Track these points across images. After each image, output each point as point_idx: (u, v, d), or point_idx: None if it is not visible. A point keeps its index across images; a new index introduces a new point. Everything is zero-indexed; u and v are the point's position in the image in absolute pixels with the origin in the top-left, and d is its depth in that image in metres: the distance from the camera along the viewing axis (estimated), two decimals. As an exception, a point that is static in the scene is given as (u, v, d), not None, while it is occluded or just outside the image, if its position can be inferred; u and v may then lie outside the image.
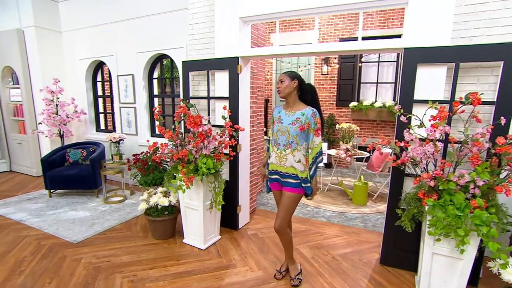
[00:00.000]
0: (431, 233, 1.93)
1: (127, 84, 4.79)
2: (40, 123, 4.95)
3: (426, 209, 2.02)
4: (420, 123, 2.07)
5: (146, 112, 4.80)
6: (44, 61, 5.22)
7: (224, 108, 2.93)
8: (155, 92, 4.86)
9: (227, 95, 3.15)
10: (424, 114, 2.10)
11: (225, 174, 3.20)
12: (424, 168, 2.10)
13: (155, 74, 4.81)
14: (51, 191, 4.34)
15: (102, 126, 5.68)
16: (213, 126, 3.26)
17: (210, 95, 3.31)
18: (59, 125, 4.83)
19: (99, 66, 5.38)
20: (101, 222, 3.43)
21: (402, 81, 2.35)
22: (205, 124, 2.76)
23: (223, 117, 2.92)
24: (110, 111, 5.50)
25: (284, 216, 2.22)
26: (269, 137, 2.43)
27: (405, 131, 2.12)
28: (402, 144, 2.18)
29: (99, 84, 5.59)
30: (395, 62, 6.10)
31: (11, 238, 3.10)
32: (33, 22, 5.04)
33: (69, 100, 5.01)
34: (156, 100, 4.90)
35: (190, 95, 3.43)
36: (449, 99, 2.22)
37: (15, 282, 2.37)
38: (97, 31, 4.96)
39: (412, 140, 2.09)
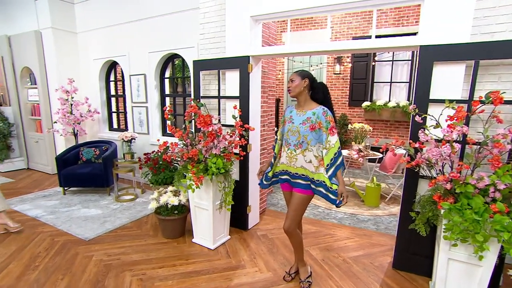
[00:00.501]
0: (447, 238, 1.85)
1: (139, 83, 4.84)
2: (55, 122, 5.06)
3: (441, 213, 1.94)
4: (436, 124, 1.99)
5: (157, 112, 4.84)
6: (60, 61, 5.34)
7: (235, 107, 2.91)
8: (167, 91, 4.90)
9: (237, 94, 3.14)
10: (441, 114, 2.02)
11: (235, 174, 3.18)
12: (440, 170, 2.02)
13: (167, 74, 4.84)
14: (65, 188, 4.43)
15: (115, 125, 5.77)
16: (224, 125, 3.25)
17: (221, 95, 3.30)
18: (73, 124, 4.93)
19: (112, 66, 5.46)
20: (112, 220, 3.48)
21: (417, 80, 2.27)
22: (215, 124, 2.75)
23: (234, 117, 2.90)
24: (123, 110, 5.58)
25: (293, 216, 2.18)
26: (276, 138, 2.38)
27: (420, 131, 2.05)
28: (416, 145, 2.10)
29: (112, 84, 5.67)
30: (410, 61, 5.95)
31: (26, 234, 3.17)
32: (50, 24, 5.16)
33: (83, 100, 5.11)
34: (167, 99, 4.94)
35: (201, 95, 3.43)
36: (467, 99, 2.13)
37: (29, 277, 2.42)
38: (111, 31, 5.04)
39: (427, 141, 2.02)
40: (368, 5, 2.51)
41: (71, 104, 4.95)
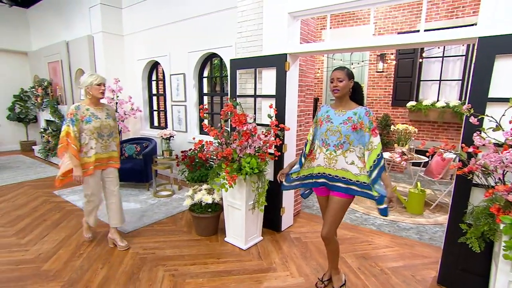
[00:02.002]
0: (507, 257, 1.63)
1: (179, 83, 4.99)
2: (102, 119, 5.40)
3: (501, 228, 1.71)
4: (496, 126, 1.76)
5: (195, 110, 4.96)
6: (108, 62, 5.71)
7: (270, 106, 2.86)
8: (205, 90, 4.99)
9: (273, 93, 3.08)
10: (503, 115, 1.78)
11: (269, 175, 3.13)
12: (499, 178, 1.79)
13: (205, 73, 4.93)
14: (109, 182, 4.71)
15: (156, 123, 6.02)
16: (259, 125, 3.21)
17: (257, 93, 3.26)
18: (117, 121, 5.22)
19: (154, 66, 5.70)
20: (150, 215, 3.61)
21: (473, 77, 2.03)
22: (249, 123, 2.72)
23: (269, 116, 2.85)
24: (163, 109, 5.80)
25: (332, 222, 2.06)
26: (310, 139, 2.22)
27: (475, 134, 1.83)
28: (470, 149, 1.88)
29: (153, 83, 5.92)
30: (464, 56, 5.41)
31: (74, 223, 3.41)
32: (101, 28, 5.53)
33: (127, 98, 5.39)
34: (205, 98, 5.03)
35: (237, 93, 3.43)
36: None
37: (74, 263, 2.60)
38: (153, 33, 5.25)
39: (484, 145, 1.79)
40: (416, -4, 2.30)
41: (116, 103, 5.25)
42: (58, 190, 4.56)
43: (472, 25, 4.35)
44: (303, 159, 2.23)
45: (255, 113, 3.28)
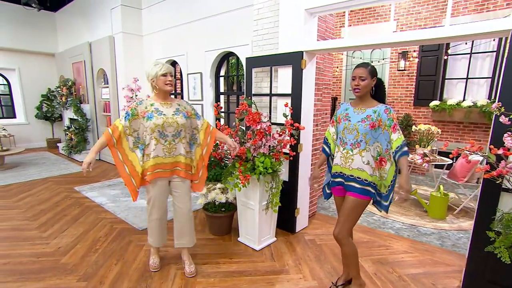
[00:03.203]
0: (539, 269, 1.49)
1: (196, 82, 5.02)
2: (122, 117, 5.53)
3: (532, 236, 1.58)
4: (529, 126, 1.62)
5: (212, 109, 4.97)
6: (128, 62, 5.84)
7: (286, 105, 2.80)
8: (221, 89, 5.00)
9: (289, 92, 3.02)
10: (536, 115, 1.64)
11: (284, 175, 3.07)
12: (531, 183, 1.65)
13: (222, 72, 4.94)
14: (127, 179, 4.81)
15: (173, 122, 6.08)
16: (275, 124, 3.17)
17: (272, 92, 3.21)
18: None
19: (172, 65, 5.77)
20: (165, 212, 3.65)
21: (505, 72, 1.89)
22: (263, 122, 2.68)
23: (284, 115, 2.80)
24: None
25: (344, 222, 1.98)
26: (334, 138, 2.16)
27: (506, 135, 1.69)
28: (500, 151, 1.74)
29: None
30: (494, 52, 5.08)
31: (92, 219, 3.50)
32: (121, 28, 5.67)
33: (145, 97, 5.48)
34: (222, 97, 5.04)
35: (253, 92, 3.39)
36: None
37: (90, 258, 2.65)
38: (171, 32, 5.31)
39: (515, 147, 1.66)
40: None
41: (135, 102, 5.35)
42: (78, 186, 4.71)
43: (505, 17, 4.09)
44: (331, 162, 2.17)
45: (270, 112, 3.23)
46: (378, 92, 2.00)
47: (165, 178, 2.26)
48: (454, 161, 4.18)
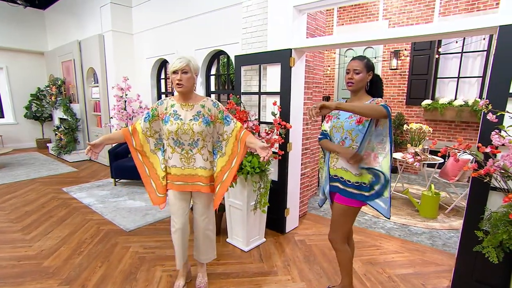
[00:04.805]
0: (526, 269, 1.47)
1: (186, 81, 4.93)
2: (111, 117, 5.44)
3: (520, 236, 1.55)
4: (516, 124, 1.60)
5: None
6: (118, 61, 5.75)
7: (274, 103, 2.76)
8: (212, 88, 4.93)
9: (278, 90, 2.97)
10: (524, 112, 1.62)
11: (273, 174, 3.03)
12: (519, 182, 1.62)
13: (213, 71, 4.87)
14: (116, 180, 4.73)
15: (164, 121, 6.00)
16: (264, 123, 3.13)
17: (261, 90, 3.17)
18: (126, 119, 5.24)
19: (163, 64, 5.69)
20: (154, 213, 3.58)
21: (492, 69, 1.86)
22: (250, 121, 2.63)
23: (273, 113, 2.75)
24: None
25: (336, 230, 1.89)
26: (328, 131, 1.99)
27: (493, 133, 1.66)
28: (488, 149, 1.71)
29: (162, 82, 5.92)
30: (485, 51, 5.11)
31: (78, 220, 3.42)
32: (111, 27, 5.57)
33: (135, 97, 5.40)
34: (213, 96, 4.97)
35: (242, 91, 3.35)
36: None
37: (74, 261, 2.58)
38: (161, 31, 5.23)
39: (503, 144, 1.63)
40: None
41: (125, 101, 5.27)
42: (67, 187, 4.61)
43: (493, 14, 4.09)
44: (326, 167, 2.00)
45: (259, 111, 3.19)
46: (374, 89, 1.86)
47: (189, 191, 2.04)
48: (446, 160, 4.17)
